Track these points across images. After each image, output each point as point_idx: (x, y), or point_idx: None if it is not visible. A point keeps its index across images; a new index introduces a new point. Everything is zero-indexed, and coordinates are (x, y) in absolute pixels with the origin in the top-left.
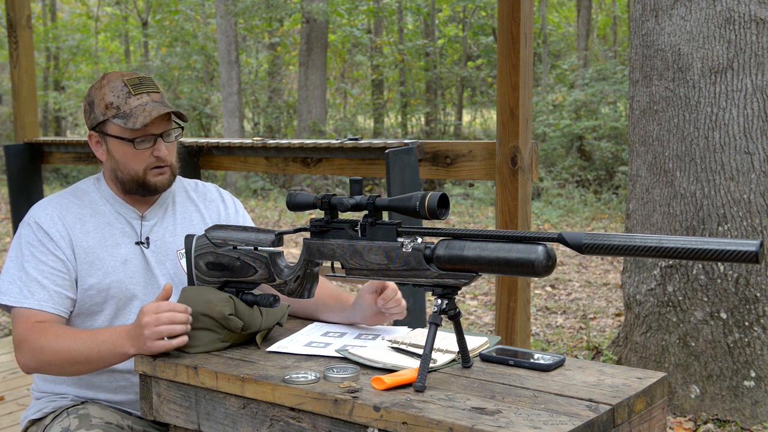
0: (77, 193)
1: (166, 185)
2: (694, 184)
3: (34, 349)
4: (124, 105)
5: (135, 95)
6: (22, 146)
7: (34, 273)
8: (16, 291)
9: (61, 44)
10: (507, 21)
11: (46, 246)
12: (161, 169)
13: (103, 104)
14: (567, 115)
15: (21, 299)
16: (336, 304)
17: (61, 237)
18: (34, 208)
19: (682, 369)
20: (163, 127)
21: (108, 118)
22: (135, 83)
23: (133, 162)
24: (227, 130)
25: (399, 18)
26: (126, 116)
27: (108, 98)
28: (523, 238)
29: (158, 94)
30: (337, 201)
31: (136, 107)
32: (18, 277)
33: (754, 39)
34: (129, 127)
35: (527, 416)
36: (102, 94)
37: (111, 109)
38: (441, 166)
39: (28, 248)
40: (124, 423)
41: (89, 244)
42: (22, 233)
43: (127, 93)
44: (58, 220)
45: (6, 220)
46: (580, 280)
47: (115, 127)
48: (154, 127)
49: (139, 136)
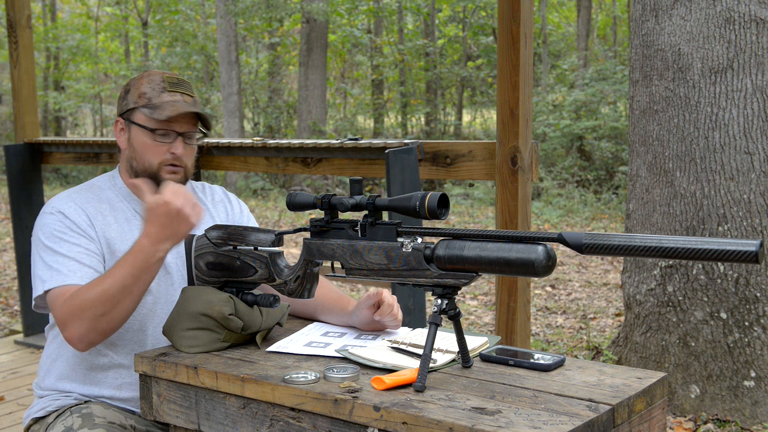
0: (94, 189)
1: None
2: (694, 184)
3: (76, 313)
4: (157, 98)
5: (169, 91)
6: (22, 146)
7: (70, 254)
8: (56, 274)
9: (61, 44)
10: (507, 21)
11: (75, 231)
12: (175, 168)
13: (138, 93)
14: (567, 115)
15: (62, 279)
16: (336, 307)
17: (87, 225)
18: (53, 201)
19: (682, 369)
20: (187, 128)
21: (138, 106)
22: (173, 82)
23: (149, 153)
24: (227, 130)
25: (399, 18)
26: (154, 107)
27: (143, 89)
28: (523, 238)
29: (192, 98)
30: (337, 201)
31: (167, 102)
32: (54, 261)
33: (754, 39)
34: (154, 118)
35: (527, 416)
36: (139, 84)
37: (143, 98)
38: (441, 166)
39: (56, 235)
40: (127, 422)
41: (111, 235)
42: (45, 223)
43: (162, 88)
44: (80, 210)
45: (6, 220)
46: (580, 280)
47: (141, 116)
48: (178, 125)
49: (161, 128)
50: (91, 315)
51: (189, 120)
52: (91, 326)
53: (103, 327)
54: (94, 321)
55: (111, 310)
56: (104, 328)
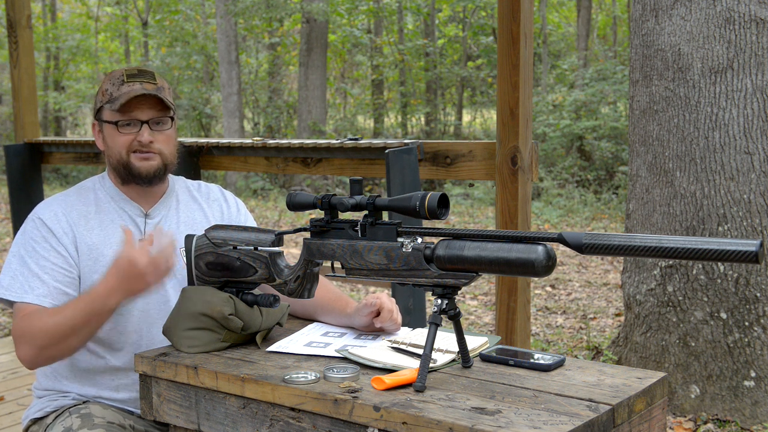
0: (81, 192)
1: (152, 172)
2: (694, 184)
3: (26, 337)
4: (116, 91)
5: (127, 83)
6: (22, 146)
7: (35, 268)
8: (18, 286)
9: (61, 44)
10: (507, 21)
11: (49, 242)
12: (145, 154)
13: (101, 91)
14: (567, 115)
15: (22, 294)
16: (335, 308)
17: (65, 234)
18: (38, 206)
19: (682, 369)
20: (150, 115)
21: (103, 104)
22: (132, 73)
23: (116, 145)
24: (227, 130)
25: (399, 18)
26: (114, 100)
27: (105, 86)
28: (523, 238)
29: (153, 85)
30: (337, 201)
31: (124, 93)
32: (20, 272)
33: (754, 39)
34: (113, 110)
35: (527, 416)
36: (103, 83)
37: (105, 95)
38: (441, 166)
39: (30, 243)
40: (126, 423)
41: (93, 241)
42: (26, 229)
43: (121, 81)
44: (62, 217)
45: (6, 220)
46: (580, 280)
47: (106, 112)
48: (140, 113)
49: (123, 118)
50: (38, 344)
51: (152, 106)
52: (37, 353)
53: (48, 355)
54: (39, 350)
55: (57, 344)
56: (49, 355)
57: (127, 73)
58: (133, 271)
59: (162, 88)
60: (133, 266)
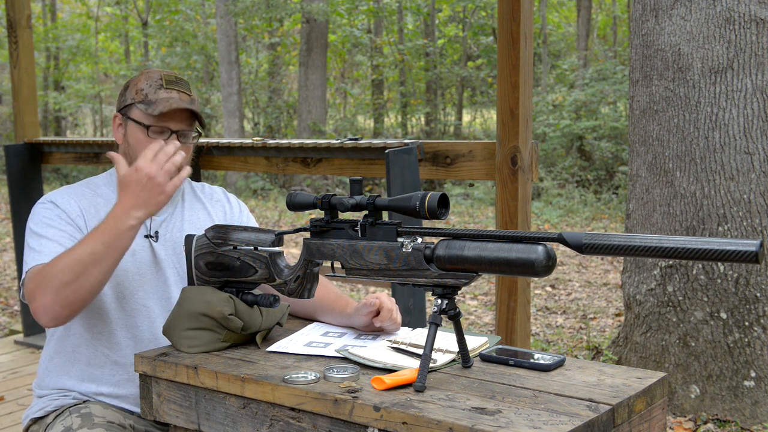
0: (90, 185)
1: None
2: (694, 184)
3: (43, 281)
4: (153, 94)
5: (166, 88)
6: (22, 146)
7: (54, 238)
8: (36, 255)
9: (61, 44)
10: (507, 21)
11: (63, 219)
12: None
13: (135, 89)
14: (567, 115)
15: (43, 258)
16: (335, 308)
17: (78, 216)
18: (47, 194)
19: (682, 369)
20: (182, 126)
21: (135, 102)
22: (171, 80)
23: (143, 149)
24: (227, 130)
25: (399, 18)
26: (150, 103)
27: (141, 85)
28: (523, 238)
29: (189, 96)
30: (337, 201)
31: (162, 98)
32: (38, 244)
33: (754, 39)
34: (149, 113)
35: (527, 416)
36: (138, 81)
37: (140, 94)
38: (441, 166)
39: (44, 221)
40: (126, 422)
41: None
42: (36, 212)
43: (159, 85)
44: (73, 203)
45: (6, 220)
46: (580, 280)
47: (137, 112)
48: (173, 122)
49: (156, 124)
50: (57, 283)
51: (184, 118)
52: (56, 295)
53: (68, 296)
54: (59, 289)
55: (77, 278)
56: (69, 298)
57: (165, 78)
58: (142, 179)
59: (195, 101)
60: (141, 174)
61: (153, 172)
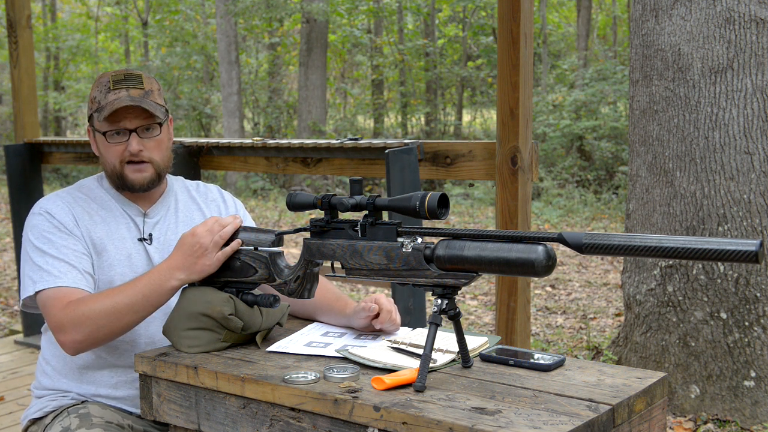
0: (83, 189)
1: (145, 183)
2: (694, 184)
3: (79, 320)
4: (103, 99)
5: (113, 90)
6: (22, 146)
7: (59, 255)
8: (46, 275)
9: (61, 44)
10: (507, 21)
11: (62, 231)
12: (137, 165)
13: (90, 99)
14: (567, 115)
15: (54, 280)
16: (335, 308)
17: (74, 226)
18: (40, 202)
19: (682, 369)
20: (138, 123)
21: (92, 112)
22: (118, 79)
23: (109, 155)
24: (227, 130)
25: (399, 18)
26: (101, 110)
27: (93, 93)
28: (523, 238)
29: (140, 90)
30: (337, 201)
31: (110, 101)
32: (44, 262)
33: (754, 39)
34: (100, 120)
35: (527, 416)
36: (92, 89)
37: (94, 103)
38: (441, 166)
39: (45, 235)
40: (125, 422)
41: (98, 234)
42: (33, 224)
43: (108, 88)
44: (67, 210)
45: (6, 220)
46: (580, 280)
47: (96, 121)
48: (127, 121)
49: (111, 128)
50: (93, 326)
51: (138, 114)
52: (90, 336)
53: (99, 338)
54: (94, 331)
55: (113, 324)
56: (100, 339)
57: (113, 78)
58: (195, 245)
59: (150, 92)
60: (196, 240)
61: (206, 243)
